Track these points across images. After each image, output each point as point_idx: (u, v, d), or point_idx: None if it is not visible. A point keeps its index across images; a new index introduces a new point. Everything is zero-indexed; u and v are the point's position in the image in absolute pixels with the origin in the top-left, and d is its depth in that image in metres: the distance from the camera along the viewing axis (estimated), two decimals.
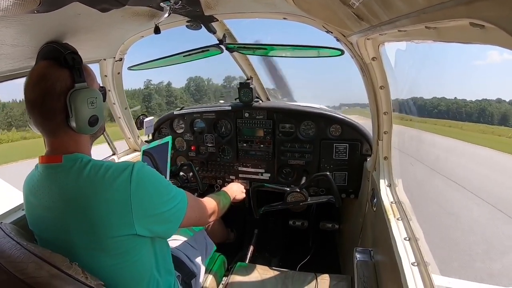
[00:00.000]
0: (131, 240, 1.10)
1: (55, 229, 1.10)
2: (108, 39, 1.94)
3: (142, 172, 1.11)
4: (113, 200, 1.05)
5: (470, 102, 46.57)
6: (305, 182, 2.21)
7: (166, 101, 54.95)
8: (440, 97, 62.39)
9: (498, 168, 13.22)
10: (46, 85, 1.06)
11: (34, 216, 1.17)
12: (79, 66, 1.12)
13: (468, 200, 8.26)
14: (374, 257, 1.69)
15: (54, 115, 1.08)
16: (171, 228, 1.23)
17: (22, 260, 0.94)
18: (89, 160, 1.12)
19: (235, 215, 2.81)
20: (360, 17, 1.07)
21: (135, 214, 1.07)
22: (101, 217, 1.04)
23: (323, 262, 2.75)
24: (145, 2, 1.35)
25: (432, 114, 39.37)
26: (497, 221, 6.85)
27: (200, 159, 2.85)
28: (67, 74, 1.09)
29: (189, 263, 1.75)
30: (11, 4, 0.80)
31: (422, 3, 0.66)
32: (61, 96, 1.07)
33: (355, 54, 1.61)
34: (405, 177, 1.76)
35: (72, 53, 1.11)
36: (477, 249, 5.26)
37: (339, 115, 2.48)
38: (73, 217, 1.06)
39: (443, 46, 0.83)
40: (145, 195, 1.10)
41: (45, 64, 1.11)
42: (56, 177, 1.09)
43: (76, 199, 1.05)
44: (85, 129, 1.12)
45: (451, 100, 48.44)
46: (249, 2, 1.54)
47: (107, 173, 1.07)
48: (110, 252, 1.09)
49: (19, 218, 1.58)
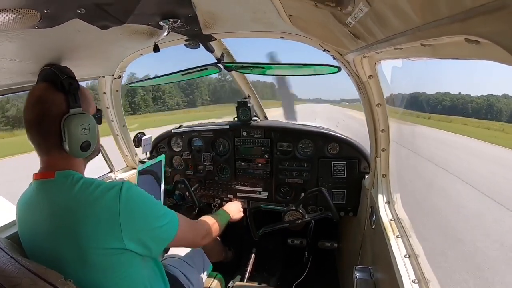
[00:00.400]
0: (120, 255, 1.10)
1: (46, 244, 1.10)
2: (107, 57, 1.96)
3: (132, 189, 1.14)
4: (102, 213, 1.06)
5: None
6: (301, 199, 2.19)
7: (153, 96, 52.51)
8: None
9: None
10: (42, 107, 1.10)
11: (27, 232, 1.18)
12: (75, 91, 1.15)
13: None
14: (374, 275, 1.66)
15: (48, 136, 1.12)
16: (160, 245, 1.23)
17: (17, 276, 0.93)
18: (80, 177, 1.15)
19: (233, 234, 2.78)
20: (356, 36, 1.09)
21: (124, 228, 1.07)
22: (89, 230, 1.05)
23: (323, 280, 2.70)
24: (144, 20, 1.37)
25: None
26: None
27: (198, 178, 2.84)
28: (63, 99, 1.13)
29: (185, 281, 1.72)
30: (12, 19, 0.81)
31: (418, 21, 0.67)
32: (56, 120, 1.11)
33: (351, 72, 1.63)
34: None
35: (70, 78, 1.14)
36: None
37: (337, 133, 2.49)
38: (63, 230, 1.07)
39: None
40: (134, 211, 1.12)
41: (43, 87, 1.14)
42: (48, 192, 1.12)
43: (65, 213, 1.07)
44: (77, 153, 1.16)
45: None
46: (247, 22, 1.57)
47: (97, 189, 1.09)
48: (98, 266, 1.08)
49: (14, 233, 1.54)
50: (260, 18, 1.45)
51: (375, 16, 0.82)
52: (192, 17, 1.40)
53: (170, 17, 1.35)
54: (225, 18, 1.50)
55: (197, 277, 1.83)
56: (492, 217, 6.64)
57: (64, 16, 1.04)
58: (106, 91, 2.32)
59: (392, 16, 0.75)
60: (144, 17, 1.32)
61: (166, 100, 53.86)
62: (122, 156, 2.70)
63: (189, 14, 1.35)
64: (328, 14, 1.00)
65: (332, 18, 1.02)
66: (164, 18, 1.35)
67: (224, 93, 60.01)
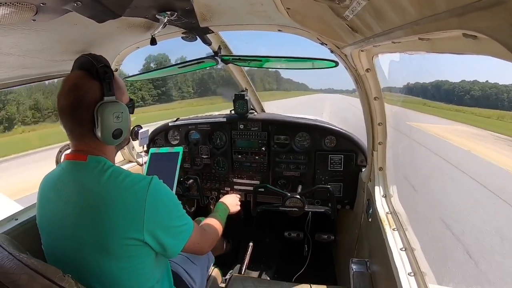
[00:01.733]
0: (137, 247, 1.13)
1: (66, 224, 1.13)
2: (103, 50, 1.95)
3: (159, 185, 1.18)
4: (128, 203, 1.09)
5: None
6: (306, 191, 2.23)
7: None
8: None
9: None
10: (77, 94, 1.11)
11: (49, 212, 1.19)
12: (110, 80, 1.15)
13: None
14: (370, 268, 1.68)
15: (82, 123, 1.14)
16: (175, 246, 1.24)
17: (15, 272, 0.92)
18: (111, 165, 1.18)
19: (231, 225, 2.79)
20: (354, 29, 1.08)
21: (146, 220, 1.10)
22: (113, 216, 1.08)
23: (319, 273, 2.73)
24: (141, 13, 1.36)
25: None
26: None
27: (195, 171, 2.84)
28: (98, 87, 1.13)
29: (188, 279, 1.72)
30: (7, 13, 0.80)
31: (415, 15, 0.67)
32: (90, 107, 1.12)
33: (349, 65, 1.63)
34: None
35: (105, 67, 1.15)
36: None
37: (334, 127, 2.49)
38: (87, 213, 1.10)
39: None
40: (159, 204, 1.15)
41: (79, 74, 1.15)
42: (79, 174, 1.15)
43: (92, 196, 1.10)
44: (108, 140, 1.17)
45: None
46: (244, 14, 1.56)
47: (126, 179, 1.13)
48: (114, 253, 1.10)
49: (11, 228, 1.55)
50: (257, 11, 1.44)
51: (373, 9, 0.81)
52: (189, 10, 1.39)
53: (167, 10, 1.34)
54: (222, 11, 1.49)
55: (200, 275, 1.84)
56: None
57: (61, 9, 1.03)
58: None
59: (390, 10, 0.75)
60: (140, 10, 1.31)
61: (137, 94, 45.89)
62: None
63: (186, 7, 1.34)
64: (326, 7, 1.00)
65: (330, 11, 1.02)
66: (161, 11, 1.34)
67: (212, 82, 55.59)
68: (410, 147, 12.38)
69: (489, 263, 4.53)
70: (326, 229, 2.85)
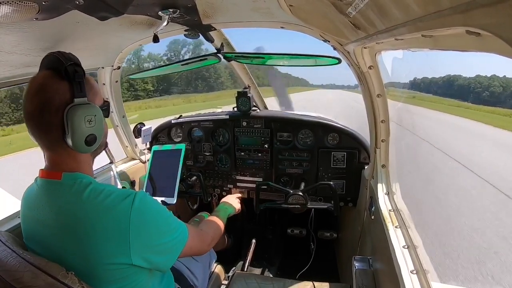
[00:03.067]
0: (126, 269, 1.05)
1: (49, 247, 1.05)
2: (106, 48, 1.95)
3: (144, 202, 1.07)
4: (111, 228, 1.00)
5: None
6: (309, 187, 2.23)
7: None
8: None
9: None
10: (44, 97, 0.99)
11: (29, 229, 1.12)
12: (81, 79, 1.04)
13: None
14: (372, 265, 1.68)
15: (50, 129, 1.02)
16: (168, 260, 1.18)
17: (18, 269, 0.93)
18: (89, 182, 1.07)
19: (233, 221, 2.81)
20: (356, 26, 1.08)
21: (132, 243, 1.02)
22: (97, 244, 1.00)
23: (322, 270, 2.73)
24: (143, 11, 1.36)
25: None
26: None
27: (198, 168, 2.85)
28: (67, 87, 1.02)
29: (190, 276, 1.71)
30: (10, 11, 0.81)
31: (419, 11, 0.67)
32: (58, 111, 1.00)
33: (352, 62, 1.62)
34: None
35: (75, 65, 1.03)
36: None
37: (337, 124, 2.49)
38: (68, 239, 1.01)
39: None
40: (146, 224, 1.06)
41: (46, 75, 1.03)
42: (54, 194, 1.05)
43: (72, 222, 1.01)
44: (81, 148, 1.05)
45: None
46: (247, 12, 1.55)
47: (107, 199, 1.02)
48: (102, 278, 1.03)
49: (15, 226, 1.56)
50: (260, 8, 1.43)
51: (376, 6, 0.81)
52: (192, 7, 1.38)
53: (169, 7, 1.34)
54: (224, 8, 1.49)
55: (202, 271, 1.84)
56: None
57: (63, 8, 1.03)
58: (106, 82, 2.31)
59: (393, 7, 0.75)
60: (143, 7, 1.31)
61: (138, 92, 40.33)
62: (122, 147, 2.71)
63: (188, 4, 1.34)
64: (329, 4, 0.99)
65: (333, 8, 1.01)
66: (163, 8, 1.34)
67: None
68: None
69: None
70: (329, 227, 2.85)
